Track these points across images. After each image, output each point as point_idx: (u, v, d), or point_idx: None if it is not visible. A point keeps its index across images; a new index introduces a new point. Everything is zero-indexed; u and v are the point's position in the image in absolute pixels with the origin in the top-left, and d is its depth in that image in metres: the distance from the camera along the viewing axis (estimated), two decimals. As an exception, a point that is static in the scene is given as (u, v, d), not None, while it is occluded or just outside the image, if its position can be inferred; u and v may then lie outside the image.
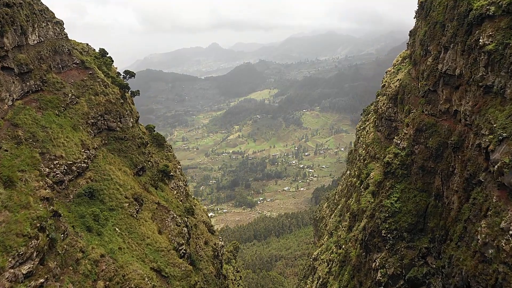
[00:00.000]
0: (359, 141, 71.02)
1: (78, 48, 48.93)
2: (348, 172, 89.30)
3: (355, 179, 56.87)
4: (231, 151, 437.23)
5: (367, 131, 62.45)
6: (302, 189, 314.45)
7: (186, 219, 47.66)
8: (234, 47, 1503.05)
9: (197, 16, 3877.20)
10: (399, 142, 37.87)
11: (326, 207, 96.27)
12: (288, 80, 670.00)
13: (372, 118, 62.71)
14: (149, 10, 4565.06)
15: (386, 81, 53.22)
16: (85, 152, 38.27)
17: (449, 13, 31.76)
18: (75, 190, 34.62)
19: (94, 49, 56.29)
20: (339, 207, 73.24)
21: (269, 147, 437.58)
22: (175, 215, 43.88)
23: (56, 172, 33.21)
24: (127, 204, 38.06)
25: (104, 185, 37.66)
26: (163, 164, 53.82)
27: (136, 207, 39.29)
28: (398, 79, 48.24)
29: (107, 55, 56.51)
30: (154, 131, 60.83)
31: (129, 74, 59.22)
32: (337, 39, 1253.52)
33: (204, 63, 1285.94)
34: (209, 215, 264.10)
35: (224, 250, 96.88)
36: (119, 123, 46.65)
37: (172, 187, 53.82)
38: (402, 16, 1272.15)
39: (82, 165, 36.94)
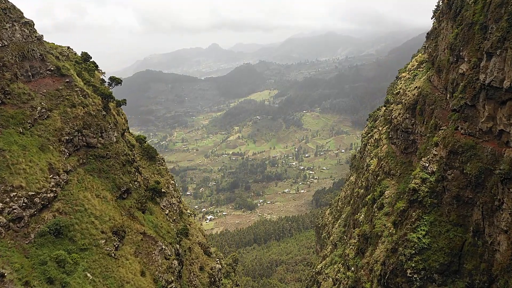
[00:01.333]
0: (366, 149, 65.24)
1: (55, 53, 42.59)
2: (352, 178, 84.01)
3: (362, 191, 51.81)
4: (231, 152, 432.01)
5: (377, 140, 56.25)
6: (302, 191, 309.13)
7: (178, 246, 41.81)
8: (234, 48, 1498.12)
9: (197, 17, 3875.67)
10: (427, 165, 31.95)
11: (328, 214, 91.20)
12: (288, 81, 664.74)
13: (382, 126, 56.64)
14: (149, 10, 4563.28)
15: (401, 88, 47.60)
16: (54, 178, 32.22)
17: (494, 12, 26.17)
18: (38, 228, 28.52)
19: (76, 53, 49.97)
20: (343, 216, 68.05)
21: (269, 148, 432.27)
22: (163, 247, 38.21)
23: (13, 207, 27.23)
24: (104, 241, 32.05)
25: (75, 219, 31.47)
26: (154, 180, 48.25)
27: (115, 243, 33.43)
28: (416, 87, 43.08)
29: (91, 60, 50.03)
30: (145, 142, 55.07)
31: (115, 81, 50.30)
32: (337, 39, 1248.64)
33: (204, 63, 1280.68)
34: (209, 217, 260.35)
35: (223, 263, 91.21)
36: (100, 138, 40.54)
37: (164, 206, 48.29)
38: (402, 17, 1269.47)
39: (49, 195, 30.82)
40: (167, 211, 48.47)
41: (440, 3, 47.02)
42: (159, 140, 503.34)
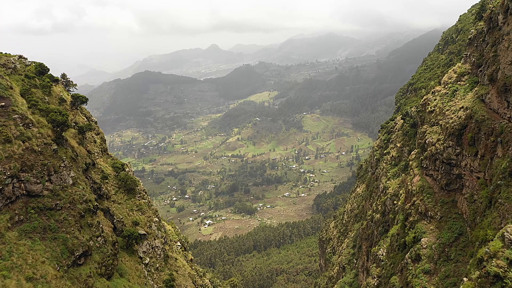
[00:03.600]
0: (381, 166, 57.44)
1: (-4, 64, 33.58)
2: (359, 190, 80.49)
3: (378, 216, 46.94)
4: (230, 155, 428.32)
5: (394, 158, 49.83)
6: (303, 194, 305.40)
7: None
8: (234, 49, 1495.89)
9: (197, 18, 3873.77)
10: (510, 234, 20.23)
11: (333, 228, 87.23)
12: (288, 82, 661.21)
13: (401, 142, 49.38)
14: (148, 11, 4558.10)
15: (436, 106, 39.27)
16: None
17: None
18: None
19: (31, 63, 40.49)
20: (352, 235, 64.08)
21: (269, 150, 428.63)
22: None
23: None
24: None
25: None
26: (132, 220, 40.06)
27: None
28: (463, 108, 35.22)
29: (48, 73, 40.05)
30: (123, 170, 44.85)
31: (79, 99, 41.25)
32: (337, 40, 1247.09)
33: (203, 64, 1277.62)
34: (207, 222, 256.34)
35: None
36: (47, 183, 30.35)
37: (144, 253, 40.07)
38: (403, 18, 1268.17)
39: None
40: (148, 259, 40.24)
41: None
42: (157, 142, 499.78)
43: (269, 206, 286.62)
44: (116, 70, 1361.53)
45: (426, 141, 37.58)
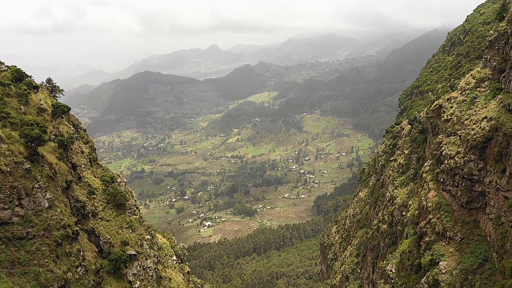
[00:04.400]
0: (387, 173, 52.91)
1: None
2: (362, 194, 78.68)
3: (385, 227, 44.63)
4: (230, 155, 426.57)
5: (402, 165, 46.39)
6: (303, 196, 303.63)
7: None
8: (234, 49, 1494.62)
9: (197, 18, 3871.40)
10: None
11: (335, 233, 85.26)
12: (288, 83, 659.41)
13: (409, 149, 45.74)
14: (148, 11, 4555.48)
15: (453, 114, 34.99)
16: None
17: None
18: None
19: (8, 68, 36.19)
20: (355, 243, 62.09)
21: (268, 151, 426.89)
22: None
23: None
24: None
25: None
26: (121, 240, 36.13)
27: None
28: (486, 118, 31.56)
29: (26, 79, 34.89)
30: (112, 182, 40.22)
31: (60, 109, 35.68)
32: (336, 41, 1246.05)
33: (203, 64, 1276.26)
34: (207, 224, 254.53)
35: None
36: (17, 208, 26.16)
37: (134, 275, 35.88)
38: (403, 18, 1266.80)
39: None
40: (138, 282, 35.82)
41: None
42: (157, 142, 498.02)
43: (269, 207, 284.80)
44: (116, 70, 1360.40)
45: (443, 153, 33.96)
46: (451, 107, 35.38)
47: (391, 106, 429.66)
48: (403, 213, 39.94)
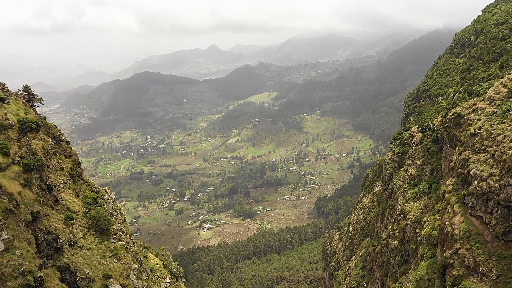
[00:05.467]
0: (396, 183, 48.82)
1: None
2: (366, 201, 76.45)
3: (396, 243, 41.51)
4: (229, 156, 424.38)
5: (413, 177, 42.33)
6: (303, 197, 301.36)
7: None
8: (233, 49, 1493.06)
9: (196, 18, 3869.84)
10: None
11: (338, 240, 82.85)
12: (288, 83, 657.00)
13: (421, 159, 41.60)
14: (148, 11, 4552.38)
15: (483, 128, 30.24)
16: None
17: None
18: None
19: None
20: (361, 254, 59.73)
21: (268, 152, 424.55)
22: None
23: None
24: None
25: None
26: (104, 272, 31.52)
27: None
28: None
29: None
30: (95, 203, 35.40)
31: (28, 125, 30.46)
32: (337, 41, 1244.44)
33: (203, 65, 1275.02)
34: (206, 226, 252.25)
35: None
36: None
37: None
38: (403, 18, 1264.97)
39: None
40: None
41: None
42: (156, 143, 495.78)
43: (269, 209, 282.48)
44: (115, 70, 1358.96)
45: (471, 173, 29.55)
46: (479, 119, 31.03)
47: (392, 107, 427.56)
48: (417, 230, 37.01)
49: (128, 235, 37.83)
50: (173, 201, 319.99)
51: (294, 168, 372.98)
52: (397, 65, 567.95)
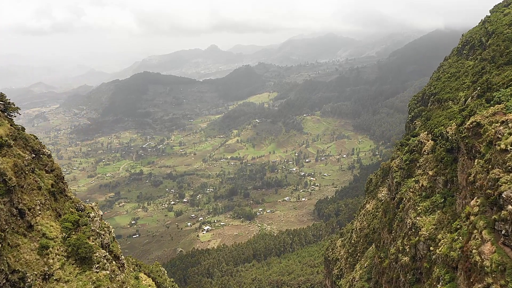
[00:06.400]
0: (405, 194, 45.15)
1: None
2: (369, 207, 74.31)
3: (407, 259, 38.71)
4: (229, 157, 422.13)
5: (425, 188, 38.38)
6: (303, 199, 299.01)
7: None
8: (233, 49, 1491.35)
9: (196, 18, 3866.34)
10: None
11: (340, 246, 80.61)
12: (288, 84, 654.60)
13: (433, 169, 37.02)
14: (148, 11, 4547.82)
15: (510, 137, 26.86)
16: None
17: None
18: None
19: None
20: (365, 265, 57.50)
21: (268, 153, 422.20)
22: None
23: None
24: None
25: None
26: None
27: None
28: None
29: None
30: (76, 226, 31.60)
31: None
32: (336, 41, 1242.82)
33: (202, 65, 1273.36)
34: (206, 228, 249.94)
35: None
36: None
37: None
38: (403, 18, 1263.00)
39: None
40: None
41: None
42: (156, 144, 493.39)
43: (269, 211, 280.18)
44: (115, 70, 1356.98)
45: (503, 195, 25.46)
46: (510, 134, 27.20)
47: (392, 108, 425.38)
48: (431, 248, 34.47)
49: (114, 262, 34.30)
50: (172, 202, 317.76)
51: (294, 169, 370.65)
52: (397, 66, 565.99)
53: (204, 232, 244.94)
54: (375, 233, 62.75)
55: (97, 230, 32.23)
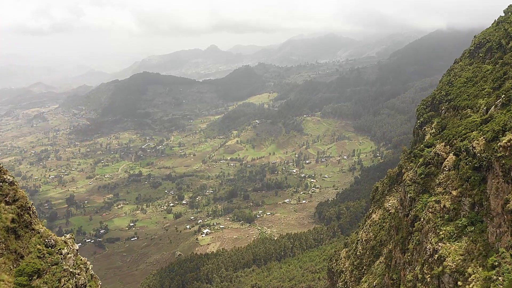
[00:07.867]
0: (424, 213, 41.16)
1: None
2: (375, 216, 71.01)
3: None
4: (229, 158, 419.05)
5: (448, 210, 34.02)
6: (304, 201, 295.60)
7: None
8: (233, 49, 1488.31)
9: (196, 18, 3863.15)
10: None
11: (345, 258, 77.28)
12: (288, 84, 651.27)
13: (458, 189, 33.65)
14: (147, 12, 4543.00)
15: None
16: None
17: None
18: None
19: None
20: (374, 283, 54.11)
21: (268, 154, 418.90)
22: None
23: None
24: None
25: None
26: None
27: None
28: None
29: None
30: (38, 275, 24.82)
31: None
32: (337, 41, 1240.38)
33: (202, 65, 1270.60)
34: (205, 231, 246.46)
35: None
36: None
37: None
38: (403, 19, 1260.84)
39: None
40: None
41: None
42: (155, 144, 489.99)
43: (269, 213, 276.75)
44: (115, 70, 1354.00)
45: None
46: None
47: (393, 109, 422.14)
48: (459, 282, 30.58)
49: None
50: (171, 204, 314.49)
51: (294, 170, 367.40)
52: (398, 66, 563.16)
53: (203, 235, 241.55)
54: (382, 246, 59.58)
55: (70, 270, 27.21)
